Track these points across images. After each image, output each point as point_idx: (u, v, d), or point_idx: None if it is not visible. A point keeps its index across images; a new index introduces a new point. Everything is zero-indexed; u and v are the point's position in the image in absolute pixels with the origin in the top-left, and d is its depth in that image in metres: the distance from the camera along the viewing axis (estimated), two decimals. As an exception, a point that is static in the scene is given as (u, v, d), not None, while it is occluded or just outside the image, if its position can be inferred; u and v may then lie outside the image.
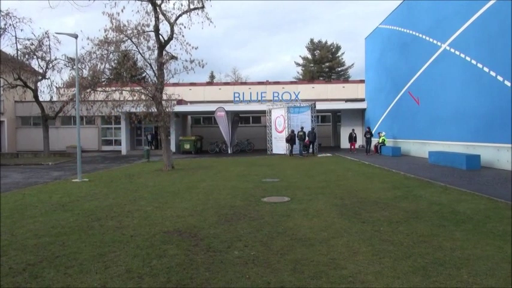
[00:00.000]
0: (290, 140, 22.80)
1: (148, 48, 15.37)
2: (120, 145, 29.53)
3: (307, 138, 23.01)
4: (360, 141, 26.54)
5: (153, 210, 7.61)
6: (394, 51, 23.24)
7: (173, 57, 15.62)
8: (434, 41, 18.22)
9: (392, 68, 23.65)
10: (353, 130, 24.32)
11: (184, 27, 15.34)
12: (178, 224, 6.47)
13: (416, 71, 20.02)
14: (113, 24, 14.83)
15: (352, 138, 23.99)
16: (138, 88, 16.22)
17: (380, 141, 22.90)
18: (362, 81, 32.57)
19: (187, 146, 27.32)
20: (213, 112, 27.88)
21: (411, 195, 8.71)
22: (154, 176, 13.99)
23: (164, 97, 16.39)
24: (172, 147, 26.03)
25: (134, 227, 6.29)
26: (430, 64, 18.66)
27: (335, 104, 31.12)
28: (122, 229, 6.20)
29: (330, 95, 34.73)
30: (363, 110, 29.60)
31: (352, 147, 23.74)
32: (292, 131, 22.95)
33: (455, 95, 16.39)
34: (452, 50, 16.74)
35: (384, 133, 23.04)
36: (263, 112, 28.17)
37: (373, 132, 24.06)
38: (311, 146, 23.37)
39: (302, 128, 22.94)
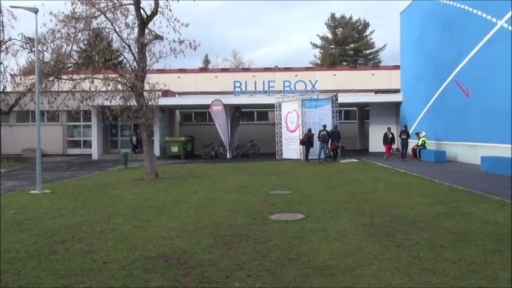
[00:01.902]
0: (306, 141, 22.83)
1: (127, 25, 15.47)
2: (91, 147, 29.65)
3: (329, 139, 23.00)
4: (395, 143, 26.39)
5: (132, 230, 7.64)
6: (437, 29, 23.18)
7: (158, 37, 15.68)
8: (488, 17, 18.14)
9: (434, 51, 23.60)
10: (389, 129, 24.04)
11: (172, -1, 15.45)
12: (164, 247, 6.48)
13: (466, 54, 19.95)
14: (82, -5, 14.93)
15: (387, 140, 23.67)
16: (113, 76, 16.30)
17: (419, 143, 22.84)
18: (397, 68, 32.52)
19: (175, 149, 27.45)
20: (207, 106, 27.98)
21: (459, 212, 8.69)
22: (134, 186, 14.03)
23: (146, 87, 16.45)
24: (156, 151, 26.09)
25: (108, 252, 6.32)
26: (483, 46, 18.58)
27: (362, 96, 31.12)
28: (93, 254, 6.22)
29: (355, 84, 34.68)
30: (397, 104, 29.56)
31: (389, 151, 23.49)
32: (309, 130, 22.99)
33: (515, 84, 16.31)
34: (510, 28, 16.65)
35: (424, 133, 23.00)
36: (271, 106, 28.15)
37: (410, 132, 23.98)
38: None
39: (325, 126, 22.92)
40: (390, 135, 23.73)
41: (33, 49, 17.38)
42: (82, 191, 13.15)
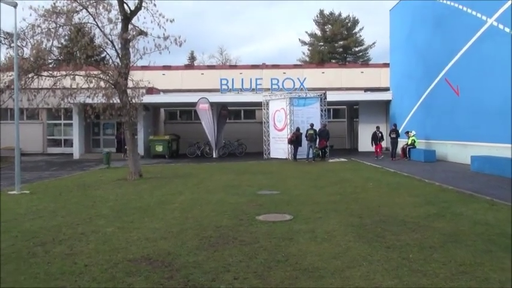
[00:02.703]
0: (294, 140, 22.97)
1: (110, 20, 15.34)
2: (72, 147, 29.46)
3: (317, 138, 23.09)
4: (384, 140, 26.45)
5: (115, 232, 7.62)
6: (428, 26, 23.38)
7: (142, 33, 15.60)
8: (479, 15, 18.35)
9: (425, 49, 23.81)
10: (378, 128, 24.15)
11: (157, -7, 15.36)
12: (148, 249, 6.48)
13: (456, 52, 20.16)
14: (63, -11, 14.76)
15: (376, 139, 23.70)
16: (95, 72, 16.18)
17: (409, 142, 23.02)
18: (386, 65, 32.76)
19: (159, 148, 27.42)
20: (193, 104, 27.94)
21: (449, 212, 8.81)
22: (117, 187, 13.98)
23: (130, 84, 16.35)
24: (140, 150, 25.95)
25: (90, 254, 6.29)
26: (473, 44, 18.79)
27: (351, 94, 31.29)
28: (74, 256, 6.19)
29: (344, 82, 34.98)
30: (387, 102, 29.80)
31: (378, 150, 23.58)
32: (298, 129, 23.11)
33: (505, 83, 16.49)
34: (500, 27, 16.86)
35: (413, 132, 23.17)
36: (258, 104, 28.26)
37: (399, 131, 24.11)
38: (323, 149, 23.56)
39: (312, 125, 23.07)
40: (380, 134, 23.82)
41: (12, 45, 17.12)
42: (63, 191, 13.06)
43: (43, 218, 8.95)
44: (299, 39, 60.51)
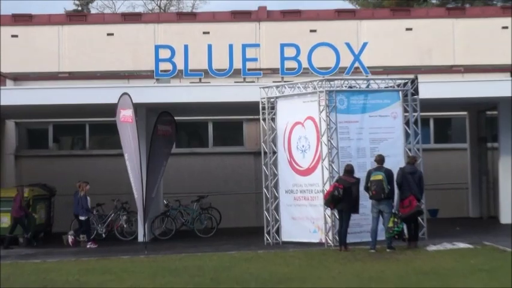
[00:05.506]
0: (340, 198, 21.24)
1: None
2: None
3: (397, 189, 21.73)
4: None
5: None
6: None
7: None
8: None
9: None
10: None
11: None
12: None
13: None
14: None
15: None
16: None
17: None
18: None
19: (3, 222, 26.80)
20: (86, 109, 28.51)
21: None
22: None
23: None
24: None
25: None
26: None
27: (480, 81, 30.90)
28: None
29: (462, 52, 35.97)
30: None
31: None
32: (349, 170, 21.68)
33: None
34: None
35: None
36: (252, 109, 27.28)
37: None
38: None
39: (381, 159, 21.68)
40: None
41: None
42: None
43: None
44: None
